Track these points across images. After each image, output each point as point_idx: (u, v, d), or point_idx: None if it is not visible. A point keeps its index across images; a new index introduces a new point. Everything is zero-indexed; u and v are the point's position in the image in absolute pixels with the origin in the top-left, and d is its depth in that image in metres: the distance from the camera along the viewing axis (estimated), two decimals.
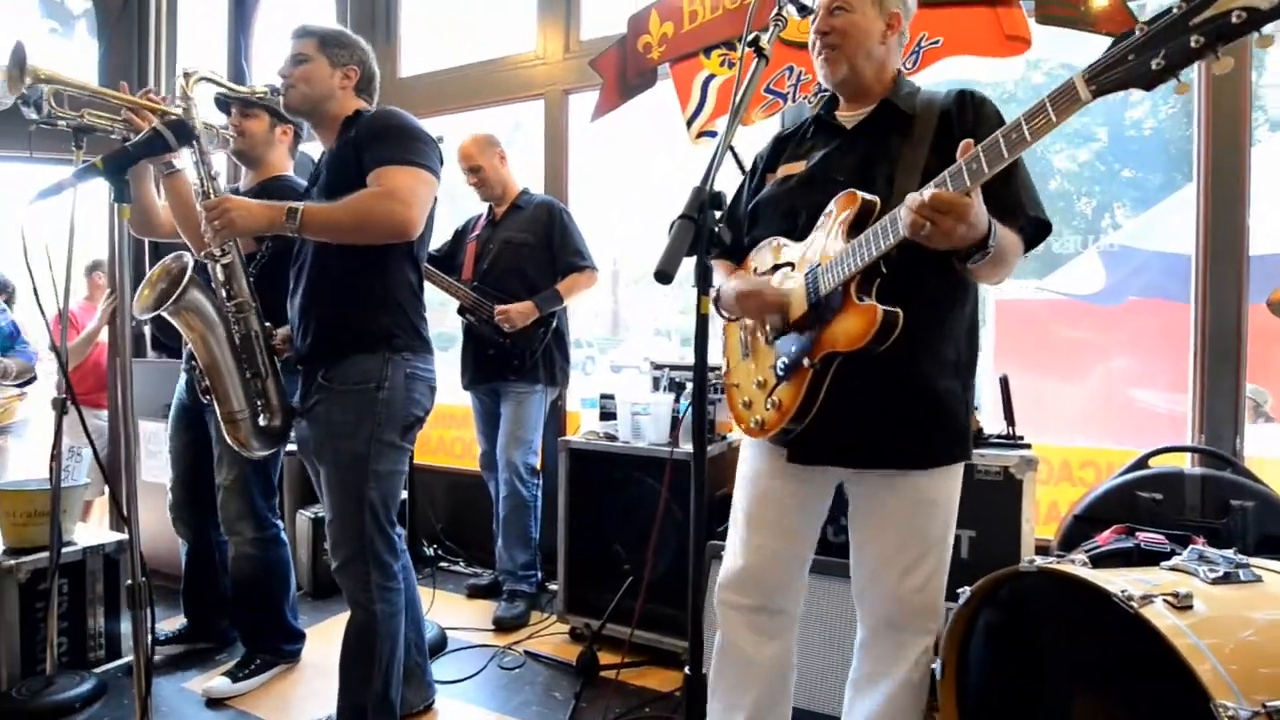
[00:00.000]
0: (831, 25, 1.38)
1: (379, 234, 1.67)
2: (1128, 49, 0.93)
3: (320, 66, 1.80)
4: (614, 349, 7.85)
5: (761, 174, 1.57)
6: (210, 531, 2.48)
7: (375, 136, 1.72)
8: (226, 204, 1.66)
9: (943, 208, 1.07)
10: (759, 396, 1.42)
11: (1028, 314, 3.42)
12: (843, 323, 1.25)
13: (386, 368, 1.74)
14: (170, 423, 2.44)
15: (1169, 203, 3.41)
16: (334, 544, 1.79)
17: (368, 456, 1.73)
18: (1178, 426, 2.38)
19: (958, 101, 1.36)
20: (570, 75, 3.36)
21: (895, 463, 1.35)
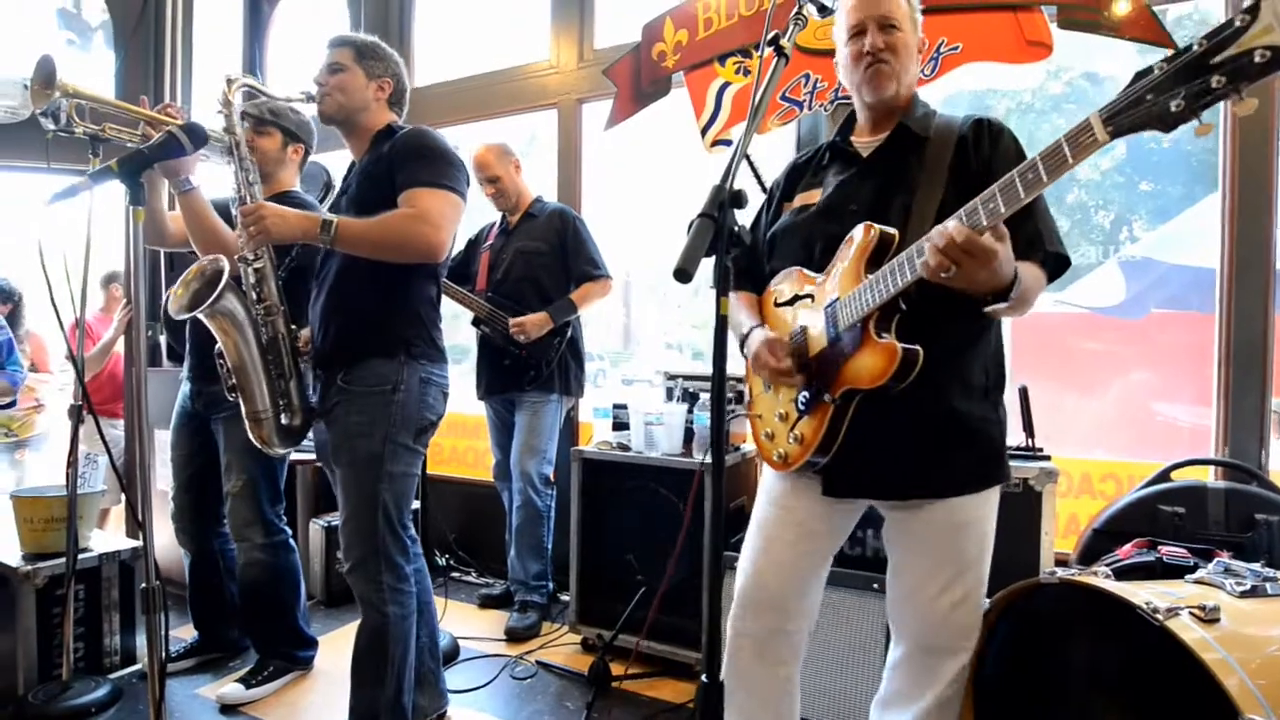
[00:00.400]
0: (887, 43, 1.37)
1: (408, 255, 1.73)
2: (1145, 89, 0.91)
3: (356, 77, 1.85)
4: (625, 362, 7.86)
5: (778, 203, 1.57)
6: (212, 541, 2.49)
7: (408, 157, 1.78)
8: (263, 210, 1.71)
9: (972, 250, 1.05)
10: (781, 429, 1.42)
11: (1047, 327, 3.41)
12: (862, 360, 1.25)
13: (402, 371, 1.79)
14: (172, 431, 2.46)
15: (1189, 215, 3.40)
16: (347, 545, 1.82)
17: (382, 456, 1.77)
18: (1200, 440, 2.37)
19: (974, 130, 1.36)
20: (584, 84, 3.40)
21: (931, 492, 1.34)
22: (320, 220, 1.70)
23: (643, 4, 3.20)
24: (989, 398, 1.37)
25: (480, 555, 3.51)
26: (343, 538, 1.83)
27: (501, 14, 3.97)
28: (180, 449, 2.44)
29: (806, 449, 1.35)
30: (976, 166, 1.31)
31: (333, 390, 1.83)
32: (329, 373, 1.85)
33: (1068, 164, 0.98)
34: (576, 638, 2.70)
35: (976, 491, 1.36)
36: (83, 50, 4.09)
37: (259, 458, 2.27)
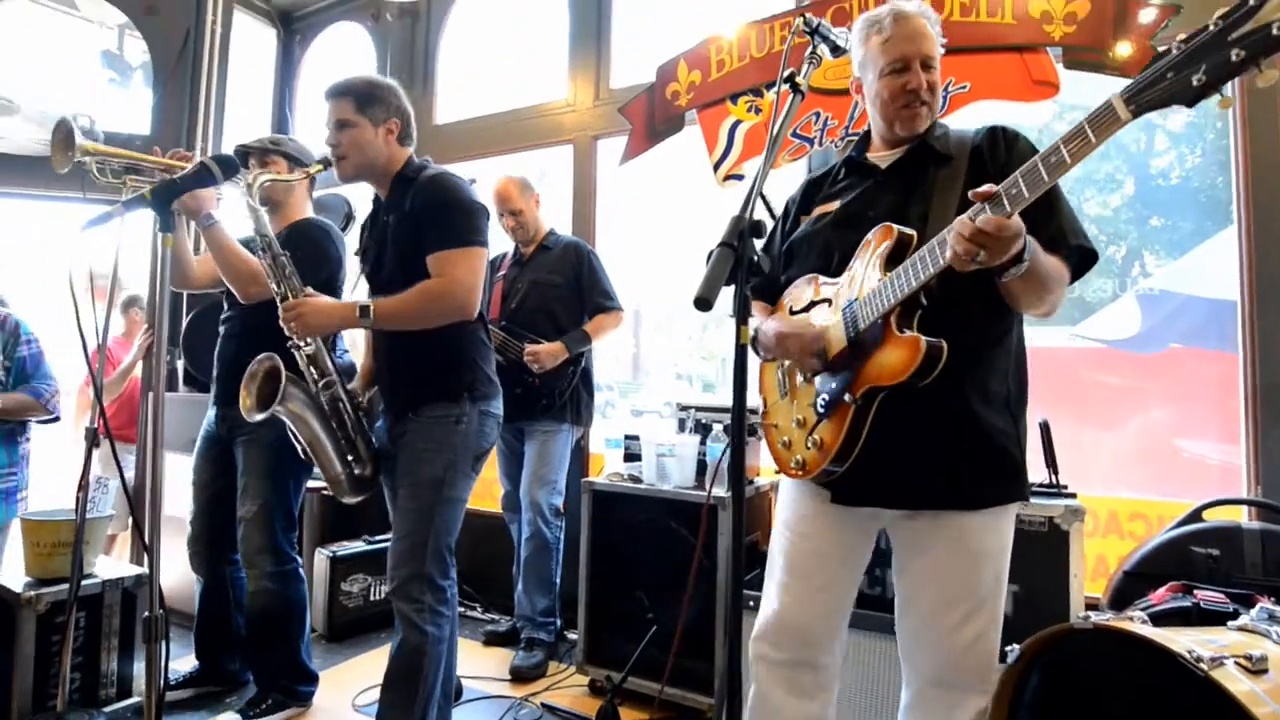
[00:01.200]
0: (929, 82, 1.37)
1: (447, 319, 1.83)
2: (1166, 66, 0.91)
3: (365, 130, 1.86)
4: (635, 393, 7.80)
5: (795, 216, 1.55)
6: (226, 568, 2.43)
7: (433, 217, 1.84)
8: (301, 308, 1.83)
9: (995, 231, 1.04)
10: (799, 436, 1.36)
11: (1063, 361, 3.31)
12: (884, 356, 1.21)
13: (465, 406, 1.89)
14: (196, 455, 2.43)
15: (1205, 249, 3.32)
16: (396, 563, 1.84)
17: (443, 480, 1.84)
18: (1230, 478, 2.26)
19: (989, 137, 1.35)
20: (599, 122, 3.41)
21: (945, 502, 1.28)
22: (358, 306, 1.79)
23: (657, 46, 3.22)
24: (1009, 409, 1.32)
25: (486, 589, 3.40)
26: (392, 556, 1.86)
27: (521, 54, 4.02)
28: (202, 472, 2.41)
29: (826, 454, 1.29)
30: (993, 170, 1.29)
31: (403, 419, 1.91)
32: (398, 409, 1.93)
33: (1090, 145, 0.97)
34: (584, 679, 2.58)
35: (991, 507, 1.29)
36: (123, 88, 4.18)
37: (276, 483, 2.25)
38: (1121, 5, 2.26)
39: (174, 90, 4.07)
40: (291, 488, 2.31)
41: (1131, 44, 2.25)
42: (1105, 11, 2.27)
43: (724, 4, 3.39)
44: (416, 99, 3.92)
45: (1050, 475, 2.01)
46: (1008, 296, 1.23)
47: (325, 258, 2.29)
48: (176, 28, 4.01)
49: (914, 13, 1.38)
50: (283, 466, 2.25)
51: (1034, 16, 2.35)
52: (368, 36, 4.23)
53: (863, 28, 1.41)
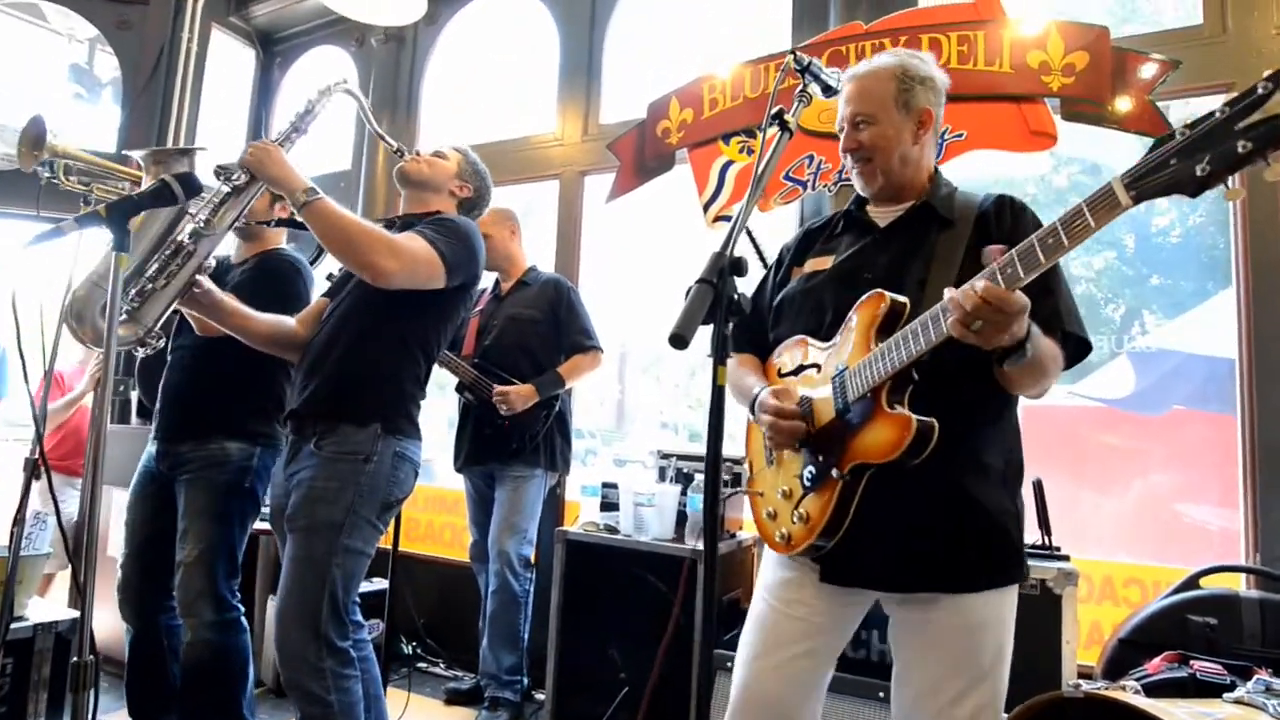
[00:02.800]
0: (859, 141, 1.40)
1: (356, 260, 1.75)
2: (1169, 153, 0.91)
3: (450, 167, 2.06)
4: (618, 441, 7.78)
5: (788, 267, 1.56)
6: (159, 616, 2.36)
7: (434, 222, 1.89)
8: (271, 148, 1.82)
9: (998, 304, 1.04)
10: (784, 507, 1.36)
11: (1059, 419, 3.37)
12: (873, 432, 1.21)
13: (377, 443, 1.79)
14: (132, 491, 2.36)
15: (1205, 308, 3.43)
16: (284, 625, 1.73)
17: (342, 526, 1.74)
18: (1229, 544, 2.30)
19: (996, 206, 1.36)
20: (587, 157, 3.50)
21: (941, 586, 1.28)
22: (309, 186, 1.76)
23: (649, 82, 3.34)
24: (1006, 486, 1.32)
25: (450, 644, 3.34)
26: (279, 616, 1.74)
27: (509, 85, 4.14)
28: (137, 512, 2.34)
29: (812, 529, 1.29)
30: (998, 240, 1.29)
31: (302, 454, 1.82)
32: (301, 435, 1.84)
33: (1089, 229, 0.98)
34: None
35: (989, 589, 1.29)
36: (90, 104, 4.23)
37: (220, 525, 2.19)
38: (1119, 59, 2.38)
39: (144, 108, 4.13)
40: (236, 531, 2.25)
41: (1130, 99, 2.37)
42: (1103, 64, 2.39)
43: (718, 43, 3.53)
44: (400, 127, 4.02)
45: (1043, 536, 2.04)
46: (1002, 380, 1.24)
47: (291, 294, 2.28)
48: (150, 44, 4.09)
49: (865, 70, 1.42)
50: (227, 508, 2.21)
51: (1032, 66, 2.48)
52: (350, 61, 4.34)
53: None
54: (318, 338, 1.91)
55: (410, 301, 1.83)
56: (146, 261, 1.81)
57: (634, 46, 3.70)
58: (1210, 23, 2.46)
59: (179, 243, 1.83)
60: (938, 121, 1.45)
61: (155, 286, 1.81)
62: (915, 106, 1.41)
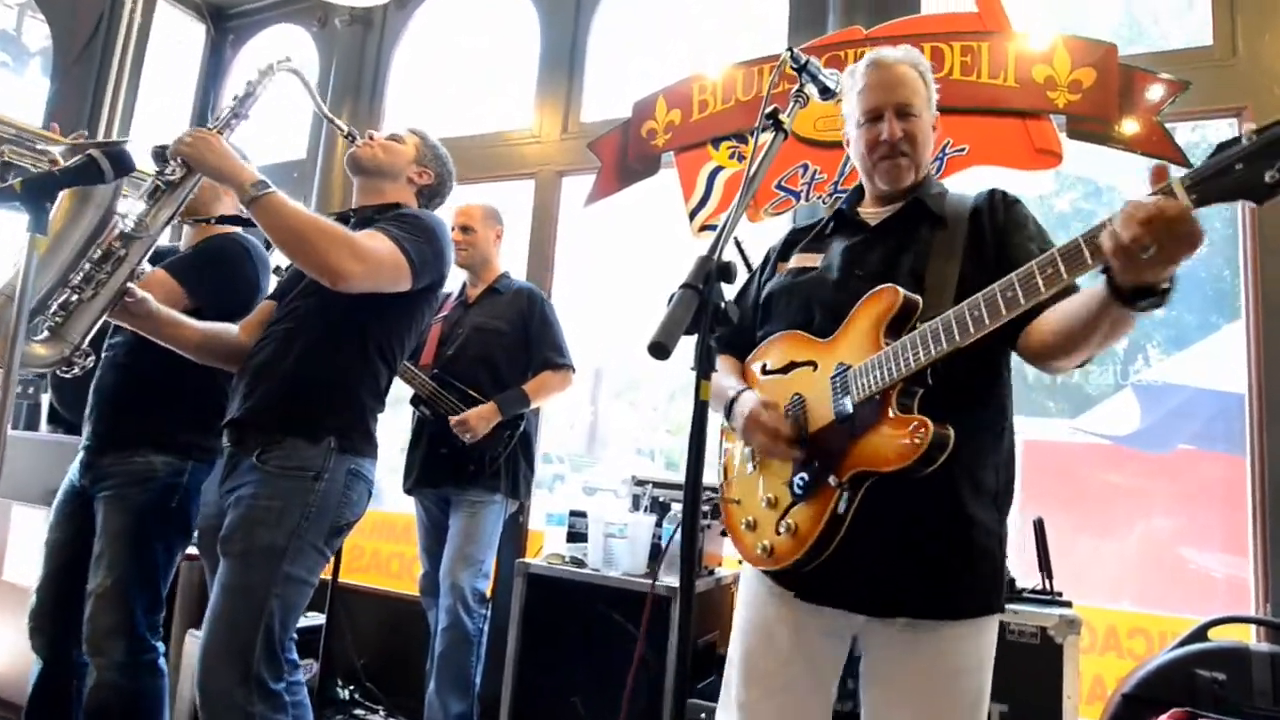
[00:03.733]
0: (906, 131, 1.41)
1: (313, 261, 1.69)
2: (1234, 158, 0.92)
3: (406, 149, 2.02)
4: (589, 468, 7.73)
5: (774, 264, 1.59)
6: (73, 649, 2.26)
7: (397, 217, 1.85)
8: (211, 138, 1.74)
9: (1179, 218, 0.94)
10: (768, 517, 1.35)
11: (1062, 456, 3.42)
12: (880, 438, 1.21)
13: (329, 459, 1.73)
14: (54, 509, 2.28)
15: (1211, 341, 3.51)
16: (209, 663, 1.64)
17: (284, 552, 1.67)
18: (1237, 593, 2.33)
19: (989, 200, 1.41)
20: (566, 156, 3.51)
21: (923, 610, 1.28)
22: (258, 179, 1.68)
23: (635, 80, 3.36)
24: (996, 505, 1.34)
25: (393, 689, 3.26)
26: (203, 652, 1.64)
27: (484, 78, 4.14)
28: (58, 531, 2.25)
29: (801, 542, 1.27)
30: (991, 236, 1.35)
31: (241, 468, 1.75)
32: (240, 447, 1.78)
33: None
34: None
35: (973, 618, 1.30)
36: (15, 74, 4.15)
37: (140, 552, 2.10)
38: (1128, 77, 2.45)
39: (75, 83, 4.06)
40: (160, 559, 2.16)
41: (1137, 120, 2.44)
42: (1110, 82, 2.46)
43: (709, 43, 3.57)
44: (362, 116, 3.99)
45: (1043, 579, 2.05)
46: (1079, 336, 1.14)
47: (240, 280, 2.22)
48: (87, 13, 4.03)
49: (892, 60, 1.45)
50: (150, 532, 2.13)
51: (1038, 81, 2.53)
52: (311, 42, 4.32)
53: (845, 78, 1.50)
54: (264, 340, 1.84)
55: (371, 304, 1.78)
56: (71, 270, 1.72)
57: (620, 40, 3.73)
58: (1220, 44, 2.54)
59: (107, 247, 1.74)
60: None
61: (81, 298, 1.71)
62: (935, 106, 1.47)
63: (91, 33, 4.07)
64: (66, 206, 1.71)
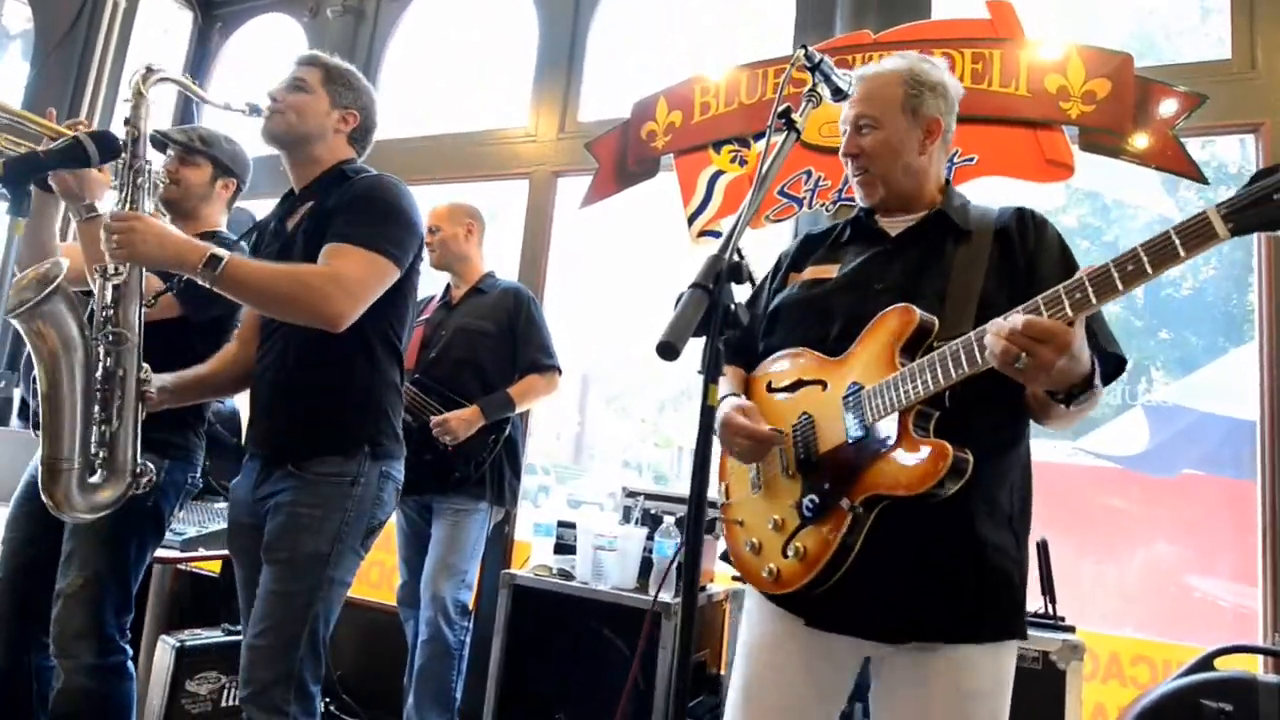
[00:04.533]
0: (860, 146, 1.42)
1: (301, 317, 1.70)
2: (1273, 188, 0.93)
3: (318, 100, 1.86)
4: (575, 479, 7.73)
5: (785, 273, 1.56)
6: (30, 654, 2.23)
7: (354, 206, 1.77)
8: (136, 224, 1.63)
9: (1042, 336, 1.04)
10: (774, 541, 1.34)
11: (1064, 478, 3.43)
12: (896, 461, 1.20)
13: (364, 464, 1.78)
14: (13, 506, 2.25)
15: (1218, 365, 3.52)
16: (254, 663, 1.70)
17: (329, 558, 1.72)
18: (1244, 622, 2.33)
19: (1018, 220, 1.39)
20: (562, 156, 3.50)
21: (939, 634, 1.26)
22: (208, 254, 1.61)
23: (635, 80, 3.36)
24: (1012, 528, 1.32)
25: (370, 702, 3.22)
26: (250, 654, 1.71)
27: (479, 74, 4.14)
28: (17, 530, 2.23)
29: (810, 566, 1.26)
30: (1021, 259, 1.33)
31: (276, 475, 1.78)
32: (272, 458, 1.81)
33: (1178, 258, 0.99)
34: None
35: (990, 642, 1.28)
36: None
37: (113, 551, 2.08)
38: (1143, 89, 2.46)
39: (57, 68, 4.03)
40: (133, 558, 2.14)
41: (1150, 134, 2.44)
42: (1126, 94, 2.46)
43: (713, 44, 3.58)
44: None
45: (1046, 603, 2.04)
46: (1041, 414, 1.26)
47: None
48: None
49: (871, 72, 1.45)
50: (123, 531, 2.11)
51: (1050, 91, 2.54)
52: (302, 33, 4.30)
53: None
54: (267, 361, 1.83)
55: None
56: (88, 412, 1.76)
57: (621, 39, 3.74)
58: (1239, 58, 2.56)
59: (104, 371, 1.76)
60: (949, 132, 1.47)
61: (111, 429, 1.76)
62: (923, 114, 1.43)
63: (75, 17, 4.05)
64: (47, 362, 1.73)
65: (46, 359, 1.73)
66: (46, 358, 1.73)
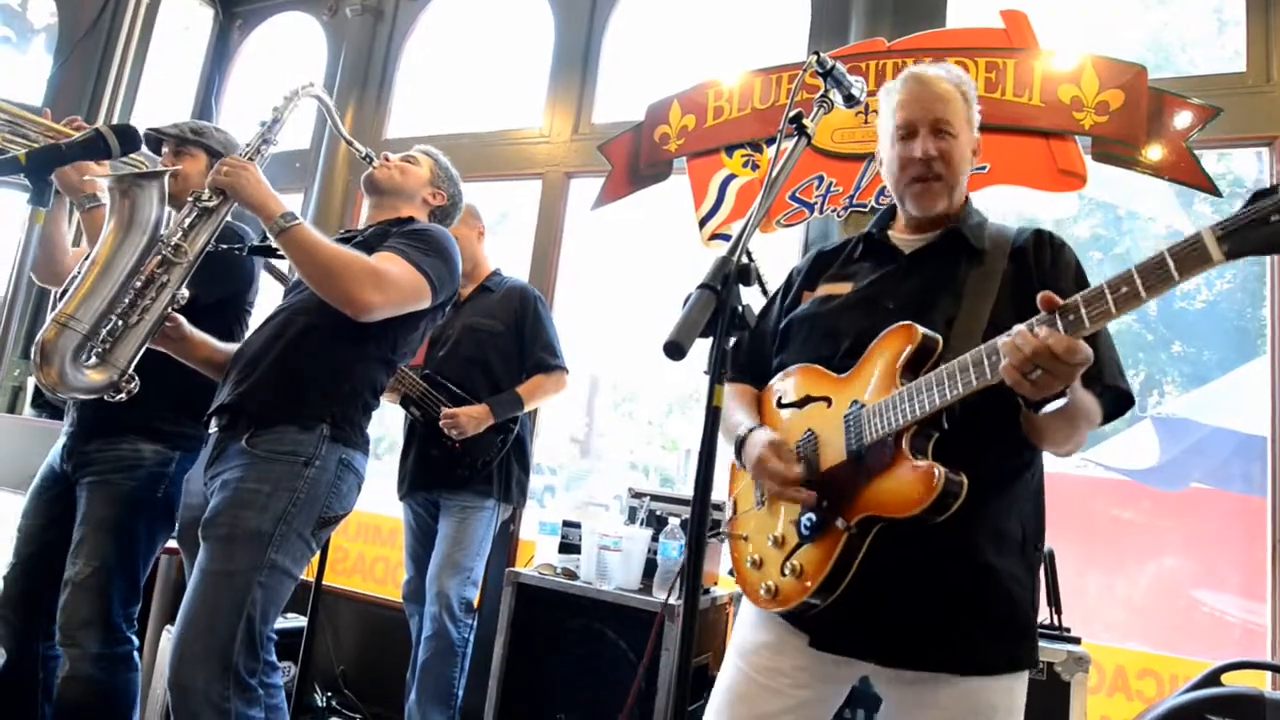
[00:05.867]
0: (940, 150, 1.36)
1: (337, 294, 1.75)
2: (1272, 209, 0.90)
3: (423, 174, 2.12)
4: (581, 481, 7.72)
5: (799, 290, 1.54)
6: (38, 642, 2.24)
7: (411, 235, 1.92)
8: (249, 166, 1.81)
9: (1061, 353, 1.03)
10: (774, 557, 1.33)
11: (1072, 490, 3.40)
12: (890, 482, 1.19)
13: (321, 446, 1.76)
14: (30, 494, 2.27)
15: (1230, 379, 3.49)
16: (184, 653, 1.62)
17: (270, 537, 1.67)
18: (1253, 638, 2.31)
19: (1035, 242, 1.37)
20: (575, 158, 3.50)
21: (949, 665, 1.24)
22: (286, 211, 1.76)
23: (649, 83, 3.36)
24: (1023, 554, 1.30)
25: (372, 697, 3.23)
26: (178, 641, 1.63)
27: (495, 74, 4.15)
28: (33, 517, 2.24)
29: (806, 585, 1.25)
30: (1037, 281, 1.30)
31: (230, 451, 1.76)
32: (230, 431, 1.79)
33: (1172, 280, 0.97)
34: None
35: (1001, 674, 1.26)
36: (18, 51, 4.16)
37: (122, 541, 2.10)
38: (1157, 100, 2.44)
39: (79, 62, 4.07)
40: (142, 549, 2.16)
41: (1164, 146, 2.43)
42: (1139, 105, 2.45)
43: (728, 49, 3.58)
44: (369, 108, 4.00)
45: (1052, 614, 2.02)
46: (1031, 431, 1.23)
47: (236, 269, 2.24)
48: None
49: (932, 75, 1.41)
50: (134, 521, 2.12)
51: (1064, 102, 2.53)
52: (320, 31, 4.33)
53: (881, 94, 1.47)
54: (261, 328, 1.89)
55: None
56: (119, 296, 1.76)
57: (636, 42, 3.74)
58: (1254, 70, 2.54)
59: (150, 273, 1.79)
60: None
61: (127, 324, 1.76)
62: (974, 130, 1.43)
63: (98, 13, 4.08)
64: (114, 231, 1.76)
65: (114, 228, 1.76)
66: (115, 227, 1.76)
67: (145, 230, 1.77)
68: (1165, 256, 0.97)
